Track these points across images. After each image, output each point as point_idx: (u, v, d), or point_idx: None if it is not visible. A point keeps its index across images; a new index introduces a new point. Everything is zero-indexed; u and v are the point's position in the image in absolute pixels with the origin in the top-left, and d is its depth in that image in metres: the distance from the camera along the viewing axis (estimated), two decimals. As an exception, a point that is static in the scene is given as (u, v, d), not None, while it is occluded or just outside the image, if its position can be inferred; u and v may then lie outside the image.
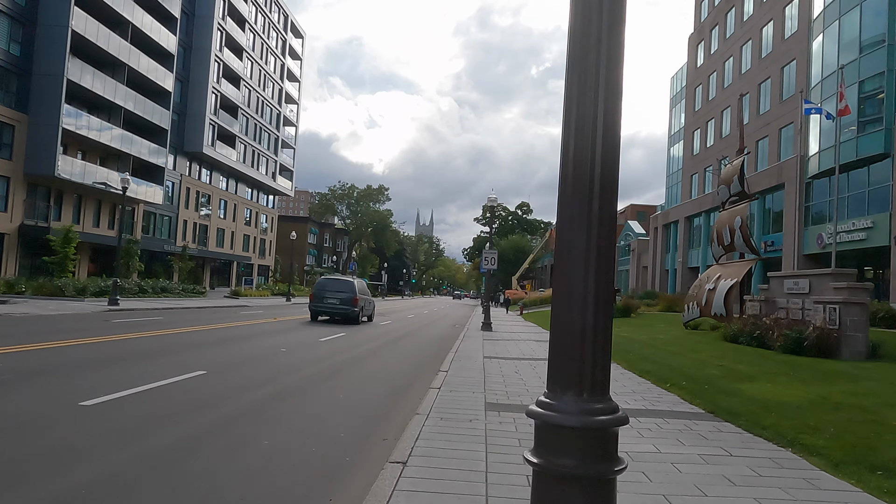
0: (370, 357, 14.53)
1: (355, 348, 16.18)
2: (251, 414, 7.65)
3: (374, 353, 15.27)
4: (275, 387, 9.55)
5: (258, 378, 10.24)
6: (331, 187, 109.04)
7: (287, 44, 78.35)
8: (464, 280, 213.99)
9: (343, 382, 10.52)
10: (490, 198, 26.87)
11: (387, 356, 14.98)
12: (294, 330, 20.69)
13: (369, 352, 15.59)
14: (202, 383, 9.37)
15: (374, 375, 11.57)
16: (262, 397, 8.64)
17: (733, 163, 22.34)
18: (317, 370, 11.57)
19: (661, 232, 59.48)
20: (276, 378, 10.38)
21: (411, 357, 15.17)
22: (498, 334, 23.04)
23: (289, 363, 12.32)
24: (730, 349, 15.35)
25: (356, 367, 12.56)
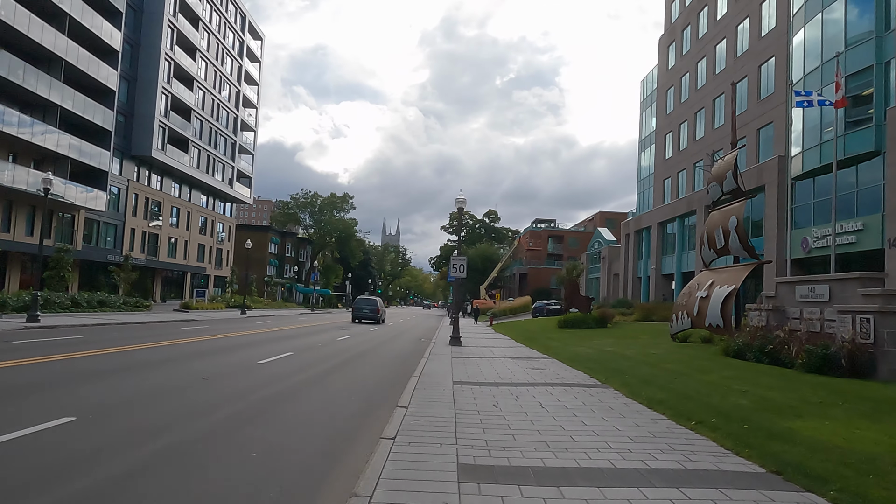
0: (314, 386, 11.89)
1: (300, 373, 13.52)
2: (105, 495, 5.02)
3: (320, 381, 12.64)
4: (168, 439, 6.91)
5: (151, 424, 7.57)
6: (293, 195, 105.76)
7: (245, 45, 75.16)
8: (431, 290, 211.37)
9: (266, 429, 7.89)
10: (458, 199, 24.46)
11: (336, 384, 12.36)
12: (234, 350, 17.90)
13: (316, 378, 12.94)
14: (61, 437, 6.68)
15: (311, 416, 8.95)
16: (138, 461, 5.99)
17: (725, 158, 20.35)
18: (237, 409, 8.91)
19: (633, 238, 57.87)
20: (175, 424, 7.71)
21: (365, 385, 12.57)
22: (468, 350, 20.57)
23: (204, 399, 9.64)
24: (741, 368, 13.11)
25: (291, 402, 9.92)
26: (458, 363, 15.74)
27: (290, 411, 9.11)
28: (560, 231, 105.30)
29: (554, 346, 22.26)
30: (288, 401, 9.91)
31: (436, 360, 16.66)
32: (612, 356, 17.11)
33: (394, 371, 14.80)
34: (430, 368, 14.27)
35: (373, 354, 19.21)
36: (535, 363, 16.04)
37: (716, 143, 42.26)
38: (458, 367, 14.63)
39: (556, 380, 12.53)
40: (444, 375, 12.89)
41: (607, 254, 66.97)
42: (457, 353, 18.98)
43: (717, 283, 18.90)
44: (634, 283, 57.22)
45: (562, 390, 10.95)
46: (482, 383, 11.81)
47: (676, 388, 10.83)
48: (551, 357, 17.85)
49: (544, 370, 14.34)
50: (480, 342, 25.34)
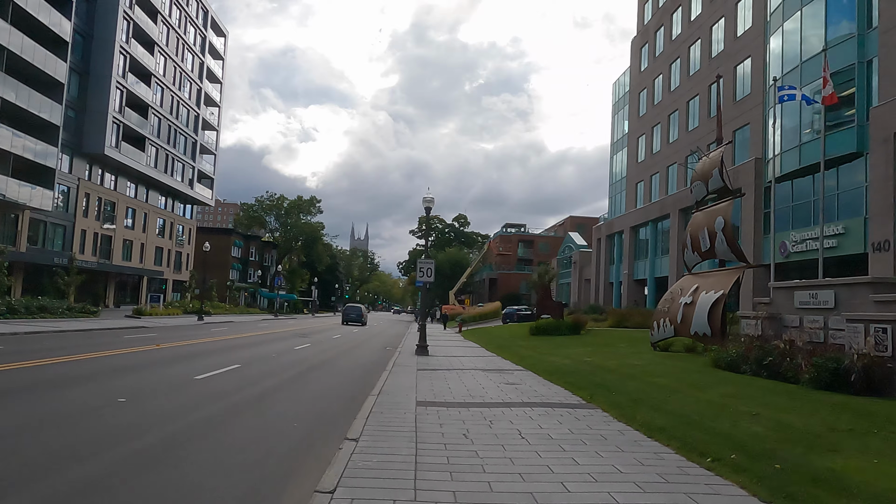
0: (252, 409, 10.14)
1: (241, 391, 11.74)
2: None
3: (262, 401, 10.88)
4: (27, 498, 5.14)
5: (13, 473, 5.78)
6: (258, 198, 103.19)
7: (207, 41, 72.60)
8: (400, 295, 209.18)
9: (170, 477, 6.13)
10: (426, 198, 22.87)
11: (279, 405, 10.62)
12: (173, 362, 15.98)
13: (258, 397, 11.18)
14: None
15: (235, 455, 7.19)
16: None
17: (711, 155, 19.12)
18: (144, 444, 7.15)
19: (605, 243, 56.94)
20: (40, 473, 5.94)
21: (313, 407, 10.85)
22: (435, 360, 18.94)
23: (104, 430, 7.84)
24: (740, 383, 11.72)
25: (216, 433, 8.16)
26: (423, 377, 14.11)
27: (209, 447, 7.35)
28: (530, 236, 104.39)
29: (528, 355, 20.76)
30: (212, 431, 8.15)
31: (399, 372, 15.01)
32: (592, 368, 15.65)
33: (351, 387, 13.09)
34: (392, 384, 12.61)
35: (330, 366, 17.45)
36: (509, 376, 14.49)
37: (690, 146, 41.44)
38: (424, 382, 13.00)
39: (534, 398, 10.99)
40: (406, 393, 11.25)
41: (578, 259, 66.02)
42: (423, 365, 17.34)
43: (703, 288, 17.60)
44: (606, 288, 56.26)
45: (543, 413, 9.40)
46: (450, 404, 10.20)
47: (674, 409, 9.36)
48: (526, 369, 16.33)
49: (520, 385, 12.79)
50: (449, 351, 23.74)
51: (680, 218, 41.36)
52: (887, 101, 23.71)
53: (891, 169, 23.32)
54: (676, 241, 41.41)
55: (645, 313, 39.03)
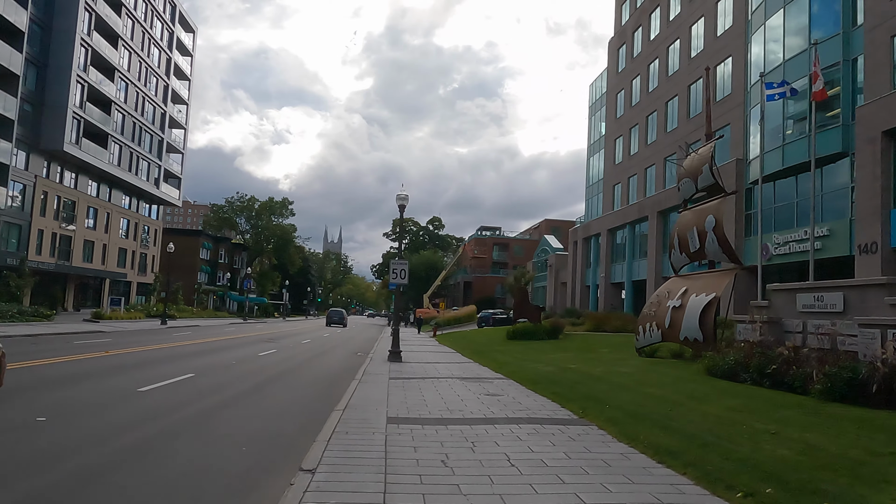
0: (195, 430, 8.81)
1: (189, 405, 10.38)
2: None
3: (208, 419, 9.54)
4: None
5: None
6: (228, 199, 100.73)
7: (175, 37, 70.43)
8: (374, 298, 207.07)
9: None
10: (399, 195, 21.64)
11: (228, 425, 9.29)
12: (118, 371, 14.49)
13: (205, 415, 9.84)
14: None
15: (159, 495, 5.89)
16: None
17: (700, 151, 18.20)
18: (45, 483, 5.80)
19: (581, 246, 56.21)
20: None
21: (267, 426, 9.54)
22: (409, 367, 17.70)
23: (8, 458, 6.47)
24: (744, 395, 10.69)
25: (147, 461, 6.83)
26: (396, 387, 12.86)
27: (128, 484, 6.01)
28: (505, 239, 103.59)
29: (507, 361, 19.63)
30: (139, 460, 6.81)
31: (370, 382, 13.74)
32: (578, 376, 14.56)
33: (314, 401, 11.78)
34: (361, 396, 11.35)
35: (294, 375, 16.09)
36: (490, 386, 13.32)
37: (669, 147, 40.84)
38: (396, 394, 11.75)
39: (519, 412, 9.82)
40: (376, 407, 10.00)
41: (554, 262, 65.27)
42: (396, 372, 16.09)
43: (693, 290, 16.65)
44: (583, 291, 55.51)
45: (532, 431, 8.23)
46: (426, 420, 8.98)
47: (679, 425, 8.26)
48: (507, 377, 15.17)
49: (502, 396, 11.62)
50: (424, 357, 22.51)
51: (658, 220, 40.72)
52: (874, 99, 23.11)
53: (878, 169, 22.71)
54: (655, 244, 40.76)
55: (623, 317, 38.24)
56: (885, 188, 22.51)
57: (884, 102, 22.57)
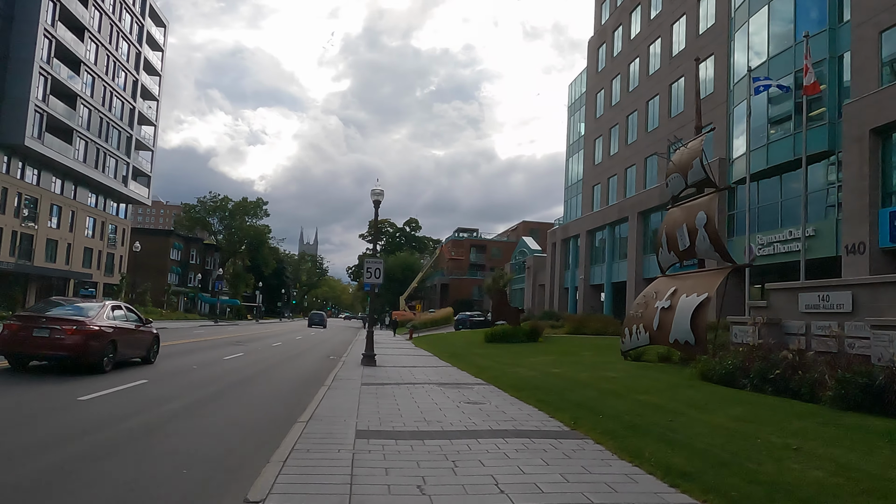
0: (137, 444, 7.67)
1: (136, 416, 9.22)
2: None
3: (153, 432, 8.40)
4: None
5: None
6: (200, 198, 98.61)
7: (145, 30, 68.47)
8: (350, 301, 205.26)
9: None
10: (375, 190, 20.58)
11: (174, 440, 8.16)
12: (56, 379, 13.17)
13: (150, 426, 8.69)
14: None
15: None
16: None
17: (689, 144, 17.41)
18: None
19: (560, 248, 55.57)
20: None
21: (218, 442, 8.44)
22: (384, 372, 16.64)
23: None
24: (747, 402, 9.82)
25: (69, 487, 5.70)
26: (368, 394, 11.80)
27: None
28: (483, 241, 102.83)
29: (486, 365, 18.66)
30: (59, 485, 5.67)
31: (340, 389, 12.66)
32: (563, 381, 13.62)
33: (277, 410, 10.67)
34: (329, 405, 10.27)
35: (259, 381, 14.92)
36: (470, 392, 12.31)
37: (650, 147, 40.31)
38: (368, 402, 10.70)
39: (504, 423, 8.83)
40: (345, 418, 8.94)
41: (532, 264, 64.59)
42: (369, 378, 15.02)
43: (682, 291, 15.82)
44: (561, 294, 54.84)
45: (520, 447, 7.24)
46: (400, 434, 7.94)
47: (685, 439, 7.33)
48: (487, 382, 14.19)
49: (484, 405, 10.62)
50: (399, 360, 21.44)
51: (639, 221, 40.13)
52: (861, 96, 22.63)
53: (865, 167, 22.21)
54: (635, 245, 40.17)
55: (603, 319, 37.56)
56: (872, 187, 22.02)
57: (872, 99, 22.08)
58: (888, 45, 22.39)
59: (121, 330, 14.87)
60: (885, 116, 21.39)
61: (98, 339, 13.72)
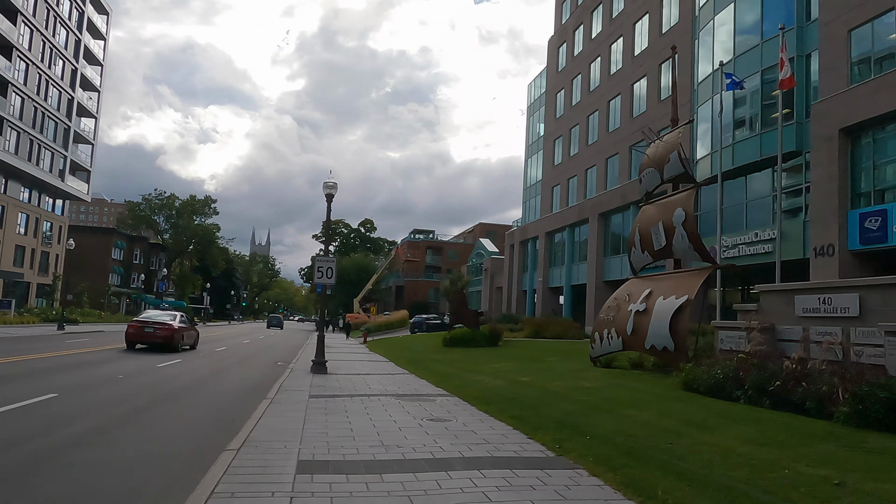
0: (8, 485, 6.00)
1: (30, 441, 7.51)
2: None
3: (37, 467, 6.73)
4: None
5: None
6: (145, 196, 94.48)
7: (86, 17, 64.88)
8: (302, 303, 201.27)
9: None
10: (327, 183, 18.99)
11: (61, 480, 6.52)
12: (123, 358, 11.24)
13: (39, 457, 7.00)
14: None
15: None
16: None
17: (666, 137, 16.41)
18: None
19: (518, 250, 54.66)
20: None
21: (121, 480, 6.83)
22: (335, 380, 15.09)
23: None
24: (750, 419, 8.68)
25: None
26: (316, 410, 10.27)
27: None
28: (439, 242, 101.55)
29: (447, 372, 17.30)
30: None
31: (285, 402, 11.09)
32: (535, 392, 12.35)
33: (206, 432, 9.05)
34: (269, 425, 8.72)
35: (191, 394, 13.18)
36: (433, 406, 10.91)
37: (611, 147, 39.67)
38: (316, 420, 9.18)
39: (477, 447, 7.45)
40: (285, 444, 7.41)
41: (490, 266, 63.57)
42: (319, 388, 13.46)
43: (658, 293, 14.76)
44: (519, 296, 53.92)
45: (502, 483, 5.87)
46: (352, 466, 6.47)
47: (700, 470, 6.09)
48: (451, 393, 12.81)
49: (450, 422, 9.23)
50: (353, 367, 19.88)
51: (600, 223, 39.41)
52: (830, 95, 22.15)
53: (835, 168, 21.71)
54: (596, 247, 39.44)
55: (564, 323, 36.65)
56: (842, 188, 21.52)
57: (842, 98, 21.60)
58: (858, 43, 21.97)
59: (183, 329, 24.55)
60: (856, 115, 20.91)
61: (176, 334, 23.50)
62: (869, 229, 20.36)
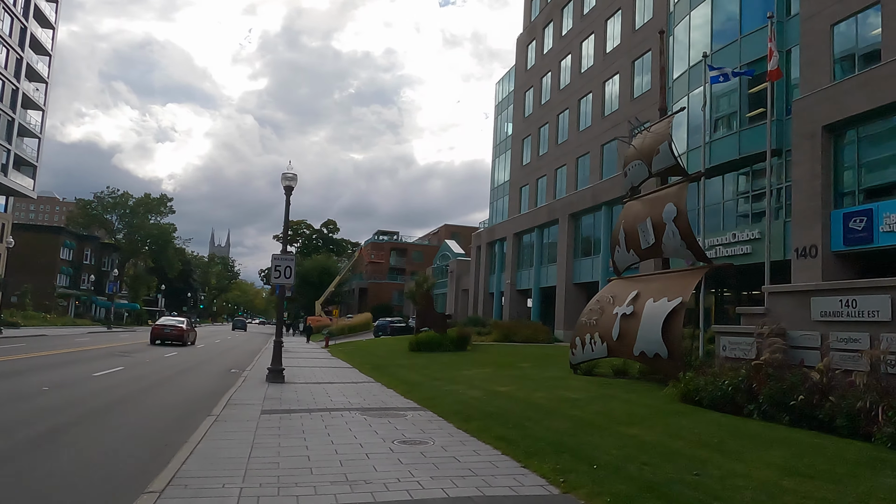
0: None
1: None
2: None
3: None
4: None
5: None
6: (97, 193, 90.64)
7: (32, 4, 61.55)
8: (263, 305, 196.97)
9: None
10: (286, 174, 17.43)
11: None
12: None
13: None
14: None
15: None
16: None
17: (654, 127, 15.31)
18: None
19: (485, 251, 53.49)
20: None
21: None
22: (292, 391, 13.55)
23: None
24: (775, 439, 7.51)
25: None
26: (268, 430, 8.76)
27: None
28: (403, 244, 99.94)
29: (417, 381, 15.92)
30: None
31: (232, 421, 9.55)
32: (517, 405, 11.03)
33: (130, 460, 7.47)
34: (206, 454, 7.20)
35: (126, 409, 11.50)
36: (404, 424, 9.50)
37: (582, 147, 38.78)
38: (266, 445, 7.69)
39: (464, 482, 6.08)
40: (224, 481, 5.93)
41: (456, 268, 62.29)
42: (273, 401, 11.92)
43: (647, 295, 13.61)
44: (486, 299, 52.73)
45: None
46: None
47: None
48: (423, 407, 11.42)
49: (427, 446, 7.84)
50: (313, 375, 18.32)
51: (570, 223, 38.46)
52: (812, 92, 21.44)
53: (818, 166, 20.98)
54: (566, 249, 38.46)
55: (533, 326, 35.54)
56: (825, 187, 20.80)
57: (825, 95, 20.89)
58: (841, 38, 21.32)
59: (190, 329, 34.50)
60: (840, 112, 20.20)
61: (185, 332, 33.12)
62: (854, 229, 19.65)
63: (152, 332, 33.87)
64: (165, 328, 33.29)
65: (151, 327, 36.35)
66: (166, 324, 34.08)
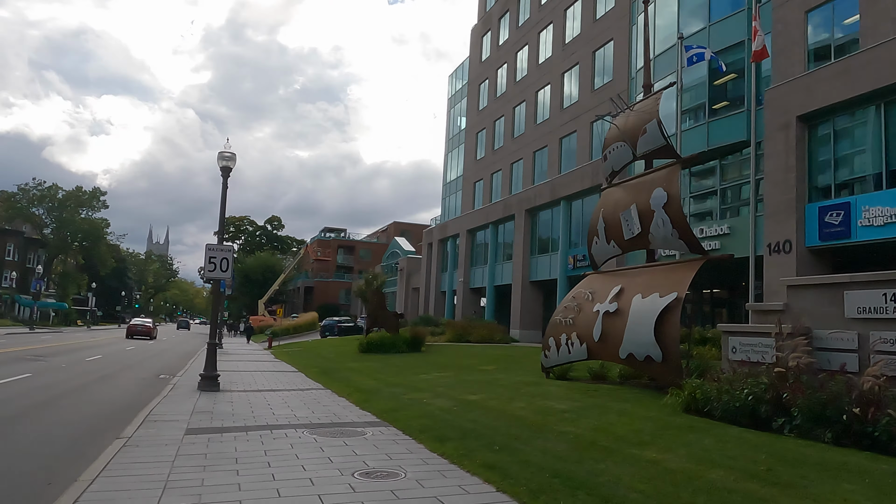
0: None
1: None
2: None
3: None
4: None
5: None
6: (22, 186, 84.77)
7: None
8: (204, 305, 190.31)
9: None
10: (223, 153, 15.33)
11: None
12: None
13: None
14: None
15: None
16: None
17: (638, 106, 13.90)
18: None
19: (437, 248, 51.86)
20: None
21: None
22: (227, 402, 11.54)
23: None
24: (836, 465, 6.08)
25: None
26: (190, 460, 6.82)
27: None
28: (351, 241, 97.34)
29: (372, 387, 14.10)
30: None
31: (146, 445, 7.55)
32: (496, 419, 9.37)
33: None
34: (108, 494, 5.24)
35: (18, 429, 9.31)
36: (364, 447, 7.70)
37: (539, 140, 37.55)
38: (184, 486, 5.78)
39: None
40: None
41: (406, 266, 60.45)
42: (203, 415, 9.94)
43: (633, 290, 12.17)
44: (438, 297, 51.10)
45: None
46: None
47: None
48: (384, 421, 9.65)
49: (398, 480, 6.09)
50: (253, 381, 16.25)
51: (527, 219, 37.17)
52: (786, 80, 20.56)
53: (792, 158, 20.09)
54: (522, 245, 37.14)
55: (489, 326, 34.05)
56: (800, 180, 19.92)
57: (799, 84, 20.01)
58: (815, 25, 20.51)
59: (154, 327, 47.00)
60: (815, 102, 19.34)
61: (151, 329, 45.80)
62: (830, 224, 18.80)
63: (128, 329, 45.22)
64: (138, 326, 45.23)
65: (127, 326, 47.67)
66: (138, 323, 46.36)
